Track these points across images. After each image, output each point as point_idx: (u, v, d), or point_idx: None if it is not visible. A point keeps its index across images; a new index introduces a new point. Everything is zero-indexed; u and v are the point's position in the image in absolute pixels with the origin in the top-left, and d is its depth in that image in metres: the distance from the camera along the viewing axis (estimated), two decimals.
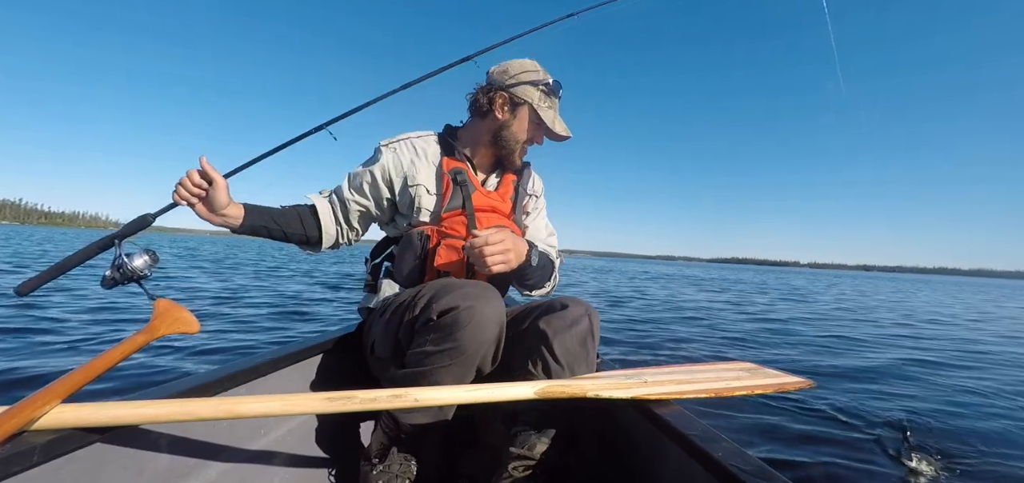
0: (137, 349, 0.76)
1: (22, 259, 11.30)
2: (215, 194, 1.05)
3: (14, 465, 0.60)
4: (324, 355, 1.28)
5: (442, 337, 0.96)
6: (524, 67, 1.26)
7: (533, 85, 1.23)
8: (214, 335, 3.78)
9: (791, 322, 5.81)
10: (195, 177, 1.03)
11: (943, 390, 2.95)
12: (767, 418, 2.31)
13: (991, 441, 2.15)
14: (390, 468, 1.03)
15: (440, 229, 1.20)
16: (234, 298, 6.18)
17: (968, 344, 4.87)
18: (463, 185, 1.22)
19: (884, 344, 4.64)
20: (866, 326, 5.86)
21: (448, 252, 1.19)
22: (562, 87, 1.28)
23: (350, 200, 1.29)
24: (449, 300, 0.96)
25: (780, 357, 3.89)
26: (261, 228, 1.19)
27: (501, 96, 1.24)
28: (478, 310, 0.95)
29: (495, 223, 1.24)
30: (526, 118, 1.25)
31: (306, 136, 1.18)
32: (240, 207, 1.14)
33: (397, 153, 1.27)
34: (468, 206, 1.21)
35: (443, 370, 0.96)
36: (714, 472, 0.68)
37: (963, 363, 3.82)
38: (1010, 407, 2.64)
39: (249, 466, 1.00)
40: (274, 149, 1.15)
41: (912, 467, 1.89)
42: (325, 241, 1.29)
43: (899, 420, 2.36)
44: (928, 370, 3.50)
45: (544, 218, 1.48)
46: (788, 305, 8.63)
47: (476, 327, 0.95)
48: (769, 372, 1.15)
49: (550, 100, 1.27)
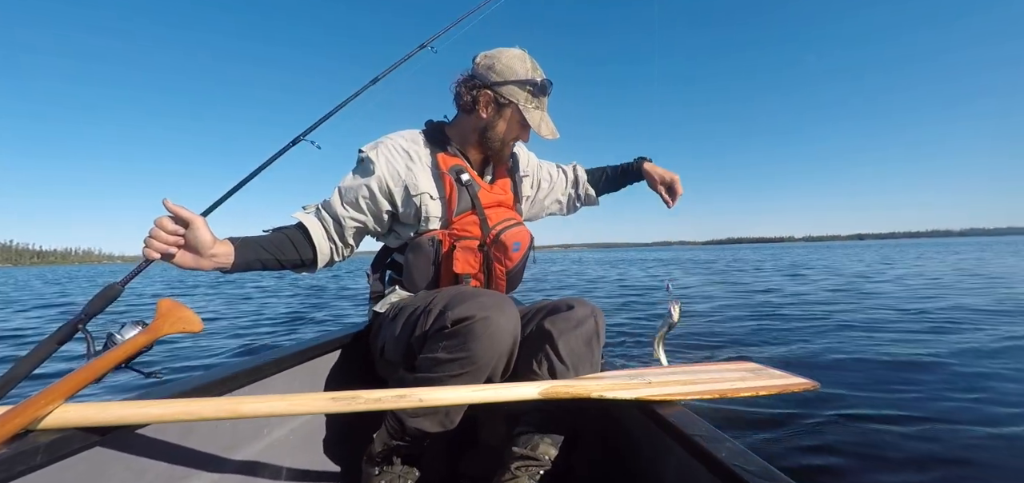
0: (140, 349, 0.76)
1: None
2: (195, 236, 0.90)
3: (18, 465, 0.60)
4: (328, 356, 1.28)
5: (455, 346, 0.93)
6: (511, 63, 1.16)
7: (520, 85, 1.16)
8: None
9: (788, 316, 5.77)
10: (168, 225, 0.88)
11: (955, 383, 2.91)
12: (771, 419, 2.30)
13: (1003, 439, 2.13)
14: (393, 469, 1.03)
15: (452, 233, 1.18)
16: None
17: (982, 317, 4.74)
18: (468, 185, 1.19)
19: (888, 330, 4.59)
20: (867, 312, 5.76)
21: (465, 255, 1.16)
22: (552, 84, 1.21)
23: (345, 217, 1.18)
24: (464, 309, 0.93)
25: (779, 355, 3.87)
26: (255, 262, 1.05)
27: (485, 94, 1.17)
28: (494, 321, 0.93)
29: (503, 217, 1.22)
30: (512, 119, 1.19)
31: (285, 151, 1.13)
32: (228, 244, 0.99)
33: (391, 161, 1.18)
34: (478, 206, 1.19)
35: (453, 379, 0.94)
36: (718, 473, 0.68)
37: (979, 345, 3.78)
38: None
39: (252, 467, 1.00)
40: (254, 172, 1.09)
41: (919, 467, 1.87)
42: (320, 261, 1.17)
43: (907, 419, 2.35)
44: (935, 356, 3.47)
45: (549, 173, 1.52)
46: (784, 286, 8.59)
47: (491, 339, 0.93)
48: (773, 373, 1.14)
49: (538, 100, 1.19)
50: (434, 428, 1.02)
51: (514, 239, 1.18)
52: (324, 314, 6.35)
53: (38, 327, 5.81)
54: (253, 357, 1.10)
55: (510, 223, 1.21)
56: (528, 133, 1.23)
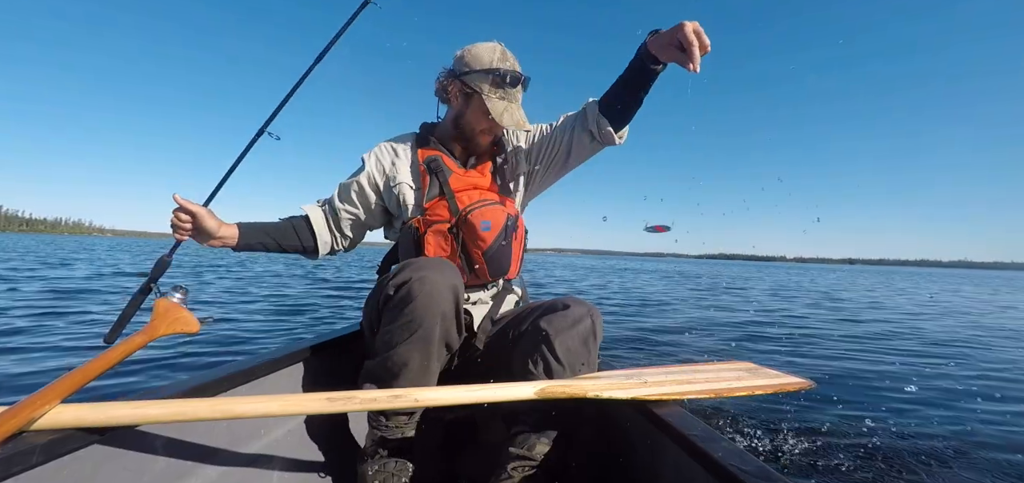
0: (137, 349, 0.76)
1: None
2: (201, 223, 1.11)
3: (14, 465, 0.60)
4: (323, 356, 1.28)
5: (399, 312, 0.97)
6: (480, 53, 1.20)
7: (483, 74, 1.18)
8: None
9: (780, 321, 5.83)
10: (180, 214, 1.11)
11: (946, 389, 2.95)
12: (767, 418, 2.31)
13: (990, 439, 2.15)
14: (387, 469, 1.03)
15: (425, 218, 1.21)
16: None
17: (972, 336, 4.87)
18: (438, 171, 1.23)
19: (881, 341, 4.63)
20: (863, 325, 5.85)
21: (436, 238, 1.19)
22: (524, 78, 1.22)
23: (340, 209, 1.33)
24: (402, 275, 0.98)
25: (778, 355, 3.89)
26: (257, 245, 1.25)
27: (454, 84, 1.24)
28: (429, 279, 0.96)
29: (476, 198, 1.22)
30: (478, 107, 1.22)
31: (251, 146, 1.26)
32: (234, 227, 1.19)
33: (379, 158, 1.32)
34: (446, 190, 1.22)
35: (405, 346, 0.97)
36: (714, 472, 0.68)
37: (967, 356, 3.83)
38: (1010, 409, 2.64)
39: (248, 467, 1.00)
40: (231, 169, 1.25)
41: (911, 467, 1.89)
42: (321, 249, 1.34)
43: (899, 420, 2.36)
44: (930, 368, 3.50)
45: (542, 129, 1.35)
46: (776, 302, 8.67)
47: (428, 297, 0.95)
48: (769, 372, 1.15)
49: (503, 89, 1.19)
50: (409, 417, 1.05)
51: (482, 218, 1.17)
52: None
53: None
54: (249, 357, 1.11)
55: (481, 204, 1.20)
56: (493, 121, 1.19)
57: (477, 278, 1.21)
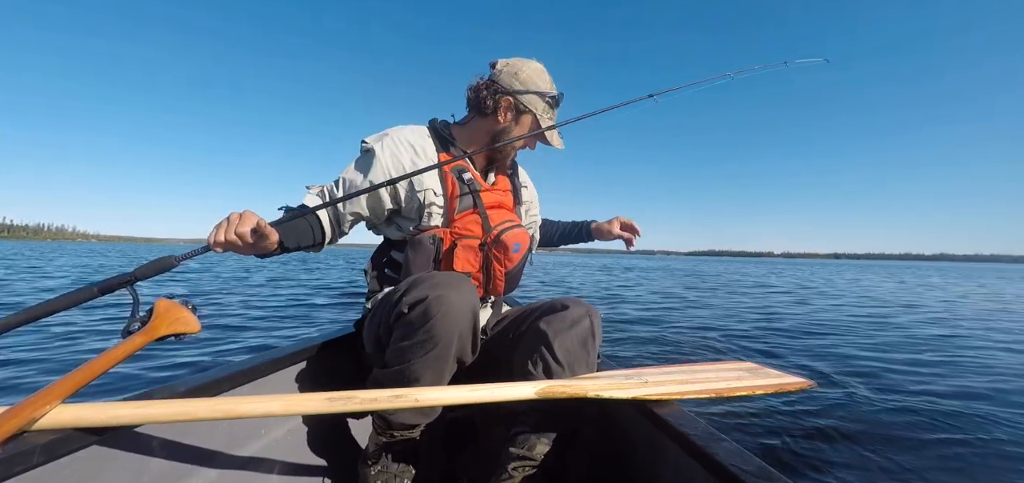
0: (137, 349, 0.76)
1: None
2: (264, 242, 0.97)
3: (15, 465, 0.60)
4: (323, 356, 1.28)
5: (414, 329, 0.94)
6: (534, 75, 1.23)
7: (540, 96, 1.22)
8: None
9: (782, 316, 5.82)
10: (247, 235, 0.90)
11: (950, 388, 2.94)
12: (767, 418, 2.31)
13: (994, 438, 2.14)
14: (388, 469, 1.03)
15: (454, 231, 1.18)
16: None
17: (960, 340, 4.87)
18: (470, 184, 1.20)
19: (875, 336, 4.63)
20: (863, 324, 5.85)
21: (466, 254, 1.16)
22: (563, 97, 1.28)
23: (344, 207, 1.21)
24: (418, 292, 0.95)
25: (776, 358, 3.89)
26: (292, 248, 1.10)
27: (507, 101, 1.21)
28: (447, 298, 0.94)
29: (504, 218, 1.23)
30: (527, 127, 1.24)
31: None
32: (276, 233, 1.02)
33: (396, 154, 1.18)
34: (480, 205, 1.20)
35: (420, 363, 0.95)
36: (714, 472, 0.68)
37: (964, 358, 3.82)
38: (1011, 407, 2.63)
39: (249, 467, 1.00)
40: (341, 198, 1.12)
41: (912, 466, 1.88)
42: (325, 244, 1.24)
43: (900, 419, 2.36)
44: (930, 368, 3.50)
45: (534, 195, 1.55)
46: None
47: (445, 317, 0.93)
48: (769, 372, 1.15)
49: (553, 112, 1.26)
50: (415, 420, 1.03)
51: (515, 240, 1.18)
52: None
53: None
54: (250, 357, 1.11)
55: (511, 224, 1.21)
56: (536, 142, 1.31)
57: (488, 292, 1.22)
